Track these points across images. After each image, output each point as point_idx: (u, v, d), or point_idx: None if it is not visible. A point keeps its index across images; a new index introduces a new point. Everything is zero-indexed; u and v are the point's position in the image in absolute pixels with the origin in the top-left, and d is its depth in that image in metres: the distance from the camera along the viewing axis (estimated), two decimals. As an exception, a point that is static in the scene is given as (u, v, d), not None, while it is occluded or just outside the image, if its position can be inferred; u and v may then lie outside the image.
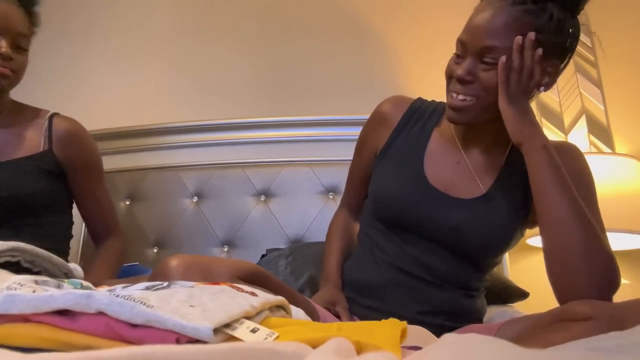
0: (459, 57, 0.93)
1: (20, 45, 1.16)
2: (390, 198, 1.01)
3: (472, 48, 0.90)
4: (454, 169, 1.01)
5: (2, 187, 1.13)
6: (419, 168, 1.01)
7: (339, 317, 0.97)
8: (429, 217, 0.98)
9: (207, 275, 0.74)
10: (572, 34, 0.91)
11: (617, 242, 1.69)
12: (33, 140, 1.21)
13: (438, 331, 0.90)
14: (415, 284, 1.00)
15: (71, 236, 1.32)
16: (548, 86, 0.94)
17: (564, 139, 1.94)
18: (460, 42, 0.92)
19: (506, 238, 0.98)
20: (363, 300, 1.03)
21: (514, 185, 0.98)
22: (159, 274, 0.76)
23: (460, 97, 0.92)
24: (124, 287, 0.56)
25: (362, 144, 1.13)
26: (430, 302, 1.00)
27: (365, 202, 1.14)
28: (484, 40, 0.87)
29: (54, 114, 1.27)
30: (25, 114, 1.26)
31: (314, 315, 0.89)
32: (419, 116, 1.07)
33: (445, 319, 1.00)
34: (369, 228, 1.08)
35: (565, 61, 0.95)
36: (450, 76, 0.95)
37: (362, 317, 1.01)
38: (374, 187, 1.05)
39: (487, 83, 0.89)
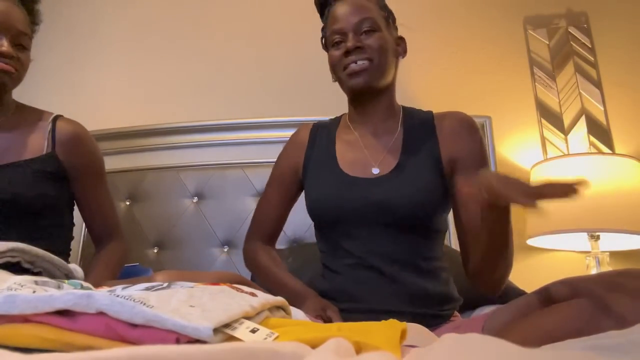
0: (338, 44, 1.10)
1: (21, 43, 1.16)
2: (321, 199, 1.10)
3: (349, 26, 1.08)
4: (362, 156, 1.12)
5: (4, 190, 1.12)
6: (334, 166, 1.12)
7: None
8: (357, 201, 1.05)
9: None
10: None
11: (617, 242, 1.69)
12: (36, 143, 1.21)
13: (418, 321, 0.93)
14: (377, 274, 1.03)
15: (72, 237, 1.31)
16: (404, 52, 1.17)
17: (564, 140, 1.94)
18: (336, 32, 1.10)
19: (429, 197, 1.05)
20: (340, 305, 1.04)
21: (420, 152, 1.09)
22: None
23: (359, 62, 1.06)
24: (124, 288, 0.56)
25: (280, 170, 1.22)
26: (397, 288, 1.02)
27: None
28: (359, 17, 1.08)
29: (58, 116, 1.27)
30: (29, 116, 1.25)
31: None
32: (322, 130, 1.21)
33: (420, 305, 1.02)
34: (322, 245, 1.14)
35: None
36: (338, 62, 1.10)
37: (347, 320, 1.01)
38: (308, 199, 1.14)
39: (374, 45, 1.06)
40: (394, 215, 1.03)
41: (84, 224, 1.55)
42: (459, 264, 1.09)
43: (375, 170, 1.08)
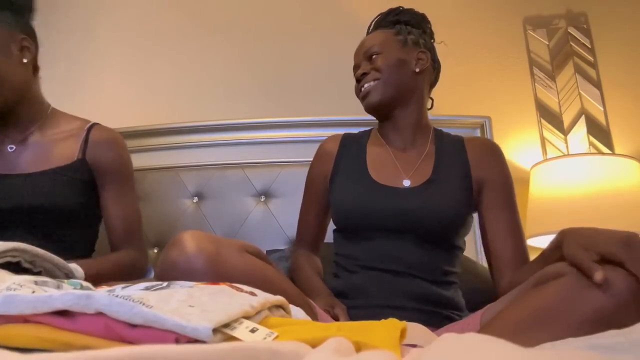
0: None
1: None
2: (348, 204, 1.12)
3: (359, 60, 1.19)
4: (393, 167, 1.15)
5: (36, 197, 1.11)
6: (365, 174, 1.15)
7: (337, 320, 0.99)
8: (385, 208, 1.07)
9: (218, 245, 0.79)
10: (422, 33, 1.24)
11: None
12: (69, 151, 1.20)
13: (423, 316, 0.99)
14: (392, 275, 1.05)
15: (94, 250, 1.29)
16: (424, 65, 1.20)
17: (564, 140, 1.94)
18: (355, 67, 1.20)
19: (459, 212, 1.08)
20: (348, 302, 1.07)
21: (452, 168, 1.13)
22: (173, 246, 0.78)
23: (366, 85, 1.16)
24: (123, 288, 0.56)
25: (312, 181, 1.26)
26: (410, 289, 1.05)
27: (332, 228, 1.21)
28: (366, 47, 1.18)
29: (94, 124, 1.26)
30: (65, 123, 1.24)
31: (310, 311, 0.90)
32: (352, 141, 1.24)
33: (425, 302, 1.05)
34: (340, 247, 1.16)
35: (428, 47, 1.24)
36: (357, 91, 1.20)
37: (352, 316, 1.03)
38: (334, 203, 1.16)
39: (379, 66, 1.15)
40: (423, 225, 1.06)
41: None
42: (469, 273, 1.16)
43: (407, 182, 1.11)
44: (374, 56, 1.16)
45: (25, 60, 1.18)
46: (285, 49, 2.08)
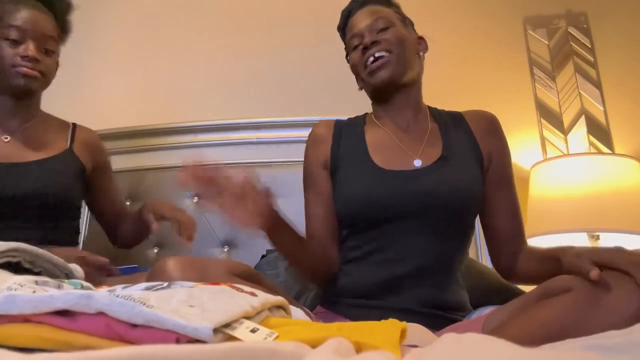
0: (357, 47, 1.11)
1: (47, 47, 1.22)
2: (357, 195, 1.05)
3: (365, 27, 1.10)
4: (399, 150, 1.08)
5: (31, 185, 1.18)
6: (368, 161, 1.08)
7: None
8: (403, 193, 1.01)
9: (204, 273, 0.77)
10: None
11: (617, 242, 1.69)
12: (58, 142, 1.30)
13: (428, 320, 0.95)
14: (404, 273, 1.01)
15: (77, 243, 1.36)
16: (425, 51, 1.18)
17: (564, 140, 1.94)
18: (354, 36, 1.12)
19: (478, 187, 1.06)
20: (355, 301, 1.04)
21: (461, 143, 1.09)
22: (157, 274, 0.76)
23: (377, 54, 1.07)
24: (124, 288, 0.56)
25: (310, 170, 1.16)
26: (416, 293, 1.01)
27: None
28: (375, 16, 1.11)
29: (74, 124, 1.39)
30: (53, 122, 1.35)
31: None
32: (346, 127, 1.17)
33: (432, 307, 1.01)
34: (349, 241, 1.09)
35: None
36: (359, 61, 1.11)
37: (352, 316, 1.01)
38: (340, 195, 1.08)
39: (391, 38, 1.08)
40: (445, 203, 1.01)
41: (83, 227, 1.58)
42: (469, 271, 1.14)
43: (418, 162, 1.06)
44: (381, 28, 1.10)
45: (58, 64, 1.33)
46: (286, 49, 2.08)
